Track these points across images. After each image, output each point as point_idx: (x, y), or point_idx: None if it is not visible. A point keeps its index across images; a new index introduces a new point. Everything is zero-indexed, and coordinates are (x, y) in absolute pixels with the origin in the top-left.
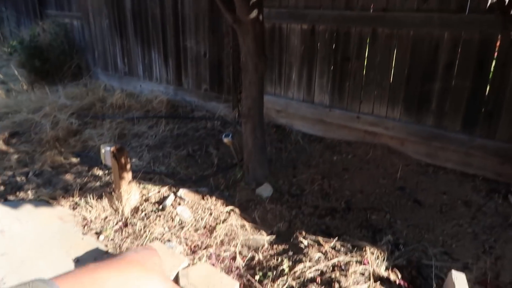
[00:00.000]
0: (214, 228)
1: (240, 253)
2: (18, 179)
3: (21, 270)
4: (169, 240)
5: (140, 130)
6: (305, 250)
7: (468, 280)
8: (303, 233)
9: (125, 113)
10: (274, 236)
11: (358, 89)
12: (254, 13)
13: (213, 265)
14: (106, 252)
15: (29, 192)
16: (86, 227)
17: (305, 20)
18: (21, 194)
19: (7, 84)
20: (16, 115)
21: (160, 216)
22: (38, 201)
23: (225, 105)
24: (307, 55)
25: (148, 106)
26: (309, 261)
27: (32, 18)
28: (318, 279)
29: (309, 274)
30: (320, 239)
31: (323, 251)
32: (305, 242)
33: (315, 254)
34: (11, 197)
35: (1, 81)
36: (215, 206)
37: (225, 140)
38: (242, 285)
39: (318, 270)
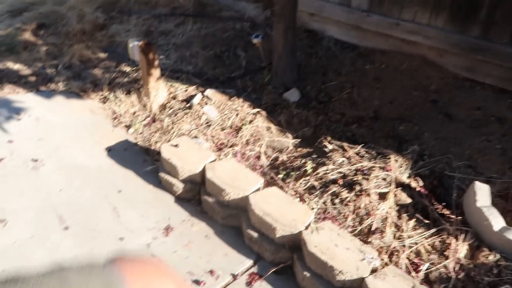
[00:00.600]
0: (240, 128)
1: (264, 153)
2: (49, 71)
3: (57, 154)
4: (196, 137)
5: (167, 28)
6: (329, 154)
7: (490, 193)
8: (328, 138)
9: (152, 9)
10: (299, 140)
11: None
12: None
13: (239, 162)
14: (135, 144)
15: (60, 84)
16: (115, 120)
17: None
18: (52, 86)
19: None
20: (42, 6)
21: (187, 114)
22: (69, 93)
23: (255, 5)
24: None
25: (175, 3)
26: (332, 164)
27: None
28: (340, 181)
29: (331, 176)
30: (345, 144)
31: (347, 156)
32: (330, 146)
33: (339, 158)
34: (43, 88)
35: None
36: (242, 108)
37: (255, 40)
38: (265, 182)
39: (341, 173)
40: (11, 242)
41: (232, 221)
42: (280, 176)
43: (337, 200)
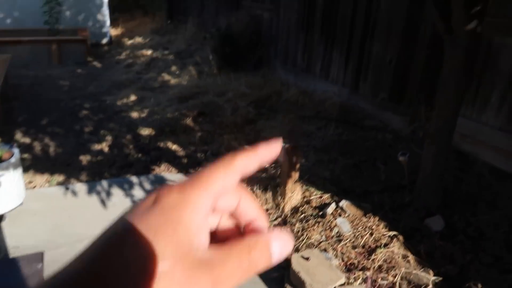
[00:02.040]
0: (374, 250)
1: (399, 285)
2: (199, 155)
3: None
4: (325, 250)
5: (309, 129)
6: None
7: None
8: (479, 285)
9: (298, 110)
10: (440, 278)
11: None
12: (472, 24)
13: None
14: None
15: None
16: None
17: None
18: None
19: (201, 66)
20: (204, 95)
21: (319, 223)
22: None
23: (401, 118)
24: None
25: (320, 107)
26: None
27: (229, 7)
28: None
29: None
30: None
31: None
32: None
33: None
34: (191, 170)
35: (196, 63)
36: (377, 227)
37: (401, 158)
38: None
39: None
40: None
41: None
42: None
43: None
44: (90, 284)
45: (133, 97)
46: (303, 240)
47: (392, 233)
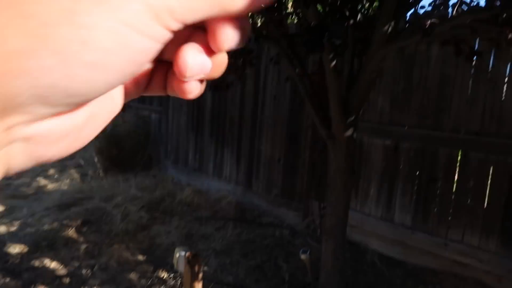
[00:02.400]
0: None
1: None
2: (84, 271)
3: None
4: None
5: (207, 231)
6: None
7: None
8: None
9: (194, 211)
10: None
11: (446, 213)
12: (349, 131)
13: None
14: None
15: None
16: None
17: (388, 136)
18: None
19: (84, 169)
20: (89, 201)
21: None
22: None
23: (295, 213)
24: (388, 171)
25: (217, 206)
26: None
27: None
28: None
29: None
30: None
31: None
32: None
33: None
34: None
35: (79, 165)
36: None
37: (303, 256)
38: None
39: None
40: None
41: None
42: None
43: None
44: None
45: None
46: None
47: None
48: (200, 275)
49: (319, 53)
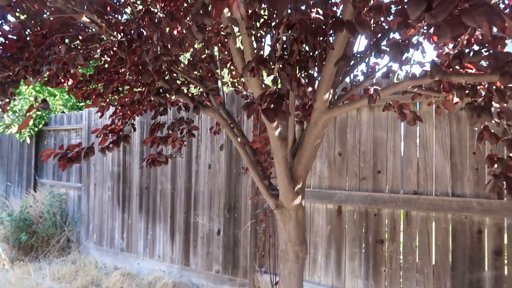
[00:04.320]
0: None
1: None
2: None
3: None
4: None
5: None
6: None
7: None
8: None
9: None
10: None
11: (397, 274)
12: (298, 200)
13: None
14: None
15: None
16: None
17: (331, 200)
18: None
19: None
20: None
21: None
22: None
23: None
24: (334, 235)
25: None
26: None
27: (25, 186)
28: None
29: None
30: None
31: None
32: None
33: None
34: None
35: None
36: None
37: None
38: None
39: None
40: None
41: None
42: None
43: None
44: None
45: None
46: None
47: None
48: None
49: (281, 122)
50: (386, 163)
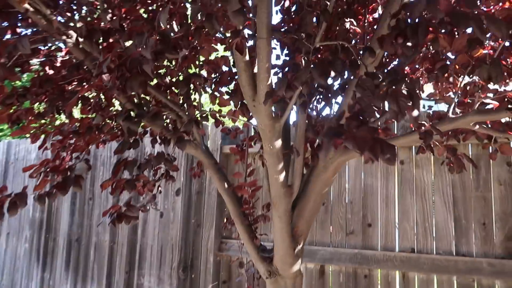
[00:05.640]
0: None
1: None
2: None
3: None
4: None
5: None
6: None
7: None
8: None
9: None
10: None
11: None
12: (297, 265)
13: None
14: None
15: None
16: None
17: (312, 259)
18: None
19: None
20: None
21: None
22: None
23: None
24: None
25: None
26: None
27: None
28: None
29: None
30: None
31: None
32: None
33: None
34: None
35: None
36: None
37: None
38: None
39: None
40: None
41: None
42: None
43: None
44: None
45: None
46: None
47: None
48: None
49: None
50: (378, 214)
